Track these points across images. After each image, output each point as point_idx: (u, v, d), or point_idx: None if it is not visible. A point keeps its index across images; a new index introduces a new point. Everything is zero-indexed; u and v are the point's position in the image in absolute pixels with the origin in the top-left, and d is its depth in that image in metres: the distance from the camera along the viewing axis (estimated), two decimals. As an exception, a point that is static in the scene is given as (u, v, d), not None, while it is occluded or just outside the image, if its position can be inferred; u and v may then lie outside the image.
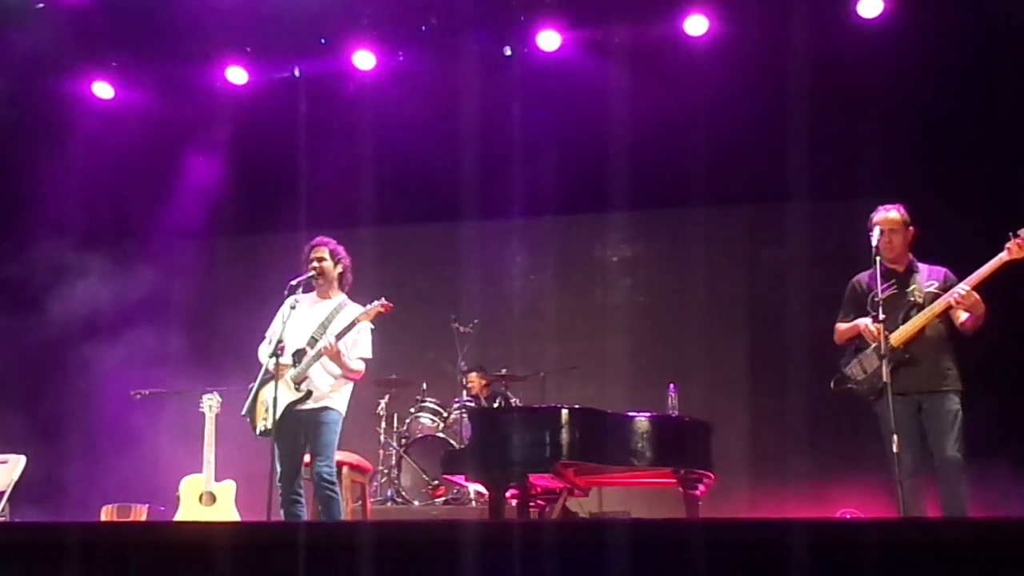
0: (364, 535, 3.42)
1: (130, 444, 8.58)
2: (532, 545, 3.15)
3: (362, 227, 8.67)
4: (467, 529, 3.41)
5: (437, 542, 3.26)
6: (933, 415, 5.69)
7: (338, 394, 6.08)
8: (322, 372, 6.02)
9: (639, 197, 8.95)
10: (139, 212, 9.41)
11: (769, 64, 8.30)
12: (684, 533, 3.18)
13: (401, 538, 3.34)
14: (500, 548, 3.11)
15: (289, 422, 5.90)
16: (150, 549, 3.41)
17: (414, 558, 3.24)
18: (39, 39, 8.50)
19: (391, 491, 8.29)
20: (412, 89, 9.17)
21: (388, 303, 6.02)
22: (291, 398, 5.93)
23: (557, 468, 6.07)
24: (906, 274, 5.95)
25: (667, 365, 8.74)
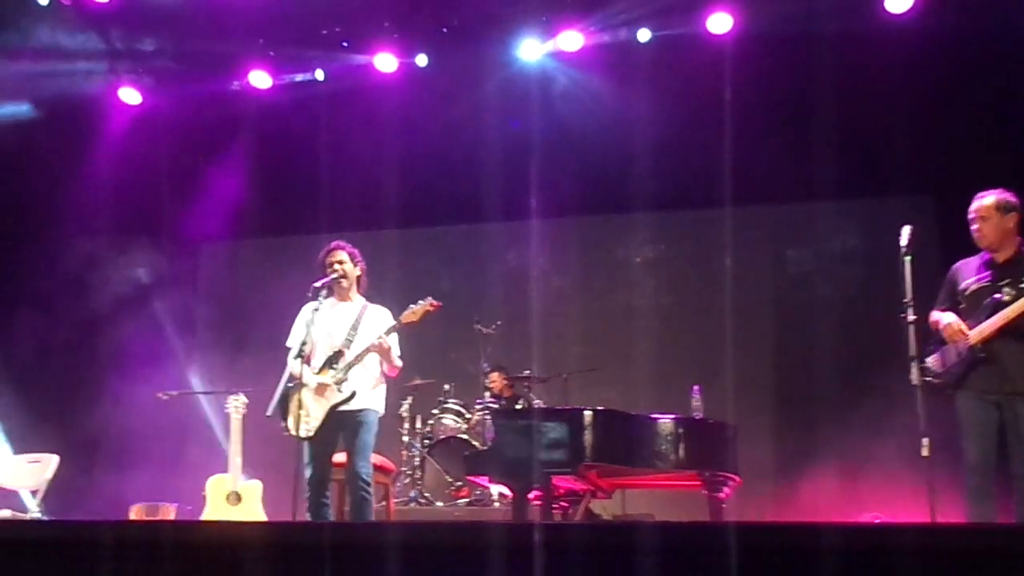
0: (389, 535, 3.43)
1: (158, 444, 8.65)
2: (555, 547, 3.15)
3: (385, 229, 8.71)
4: (490, 531, 3.41)
5: (461, 543, 3.26)
6: (1011, 419, 5.32)
7: (377, 394, 6.11)
8: (363, 373, 6.03)
9: (662, 198, 8.93)
10: (165, 215, 9.47)
11: (793, 62, 8.26)
12: (709, 536, 3.17)
13: (425, 539, 3.35)
14: (523, 550, 3.11)
15: (329, 423, 5.92)
16: (178, 548, 3.44)
17: (438, 559, 3.24)
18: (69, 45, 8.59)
19: (414, 492, 8.30)
20: (434, 91, 9.19)
21: (437, 302, 6.03)
22: (335, 400, 5.93)
23: (580, 470, 6.07)
24: (1007, 266, 5.49)
25: (691, 367, 8.70)
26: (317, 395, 5.93)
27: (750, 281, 9.25)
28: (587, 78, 9.00)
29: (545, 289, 9.69)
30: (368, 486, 5.91)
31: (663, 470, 6.16)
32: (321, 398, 5.93)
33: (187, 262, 9.49)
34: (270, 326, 6.52)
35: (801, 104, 8.44)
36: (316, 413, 5.90)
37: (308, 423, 5.85)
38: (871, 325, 8.51)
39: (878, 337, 8.39)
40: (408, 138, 9.02)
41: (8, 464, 7.92)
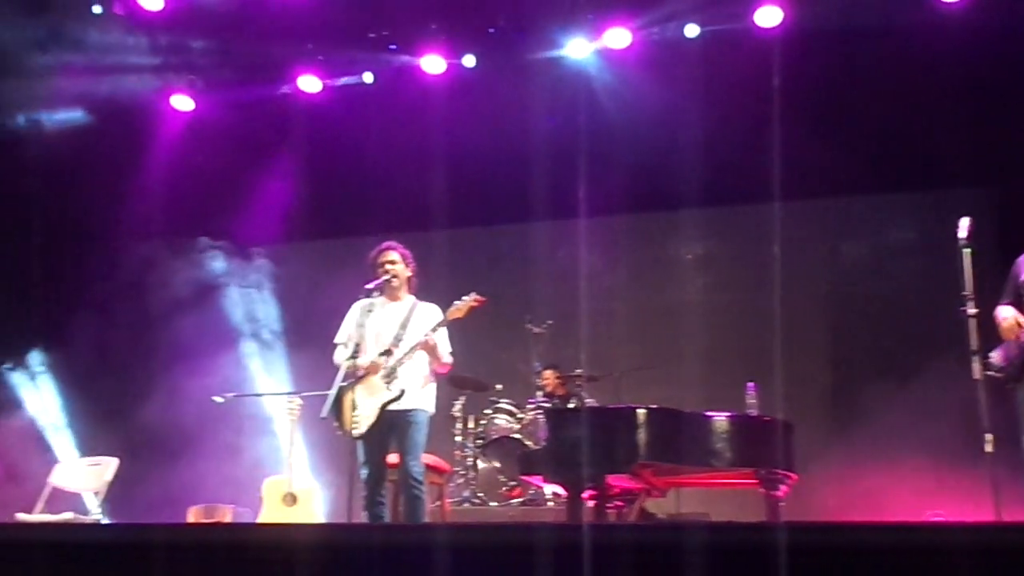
0: (445, 537, 3.43)
1: (215, 446, 8.74)
2: (609, 547, 3.13)
3: (434, 230, 8.72)
4: (546, 531, 3.40)
5: (516, 544, 3.25)
6: None
7: (427, 393, 6.12)
8: (412, 372, 6.04)
9: (712, 194, 8.84)
10: (219, 219, 9.59)
11: (846, 54, 8.16)
12: (765, 536, 3.13)
13: (481, 540, 3.35)
14: (578, 550, 3.09)
15: (380, 423, 5.94)
16: (234, 550, 3.47)
17: (494, 560, 3.24)
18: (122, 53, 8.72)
19: (467, 492, 8.31)
20: (481, 91, 9.20)
21: (481, 298, 6.03)
22: (385, 398, 5.95)
23: (634, 469, 6.04)
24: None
25: (744, 364, 8.59)
26: (368, 393, 5.95)
27: (804, 276, 9.14)
28: (635, 75, 8.95)
29: (595, 287, 9.63)
30: (420, 485, 5.93)
31: (718, 468, 6.11)
32: (371, 396, 5.95)
33: (242, 265, 9.58)
34: (324, 328, 6.56)
35: (854, 96, 8.35)
36: (367, 412, 5.92)
37: (359, 421, 5.87)
38: (929, 319, 8.37)
39: (936, 332, 8.27)
40: (456, 138, 9.03)
41: (70, 467, 8.06)
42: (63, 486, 7.86)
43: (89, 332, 9.27)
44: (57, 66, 8.80)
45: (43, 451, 8.37)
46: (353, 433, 5.89)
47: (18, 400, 9.11)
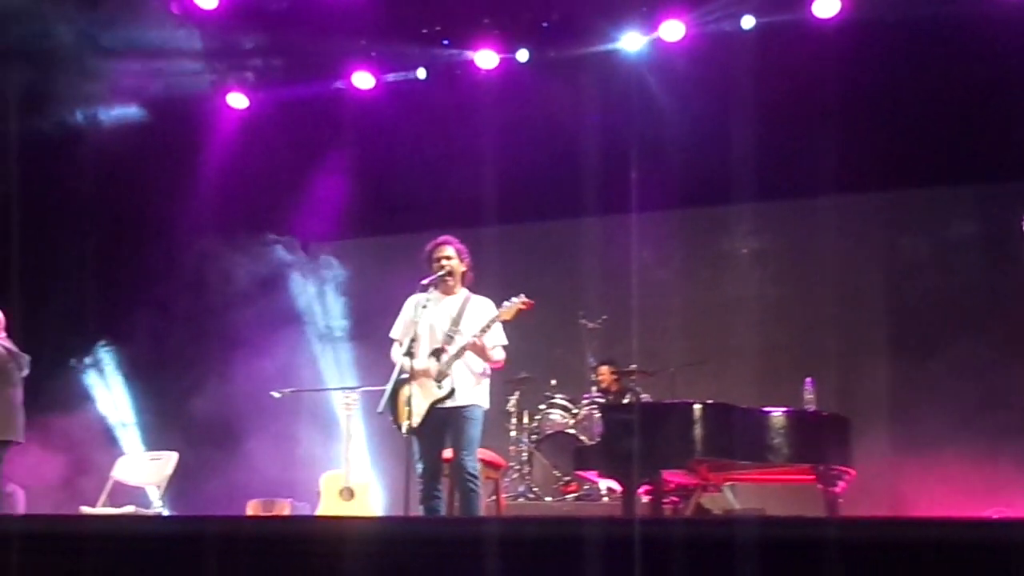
0: (500, 530, 3.44)
1: (273, 441, 8.84)
2: (665, 542, 3.12)
3: (489, 225, 8.73)
4: (602, 526, 3.39)
5: (572, 538, 3.25)
6: None
7: (481, 389, 6.11)
8: (464, 368, 6.05)
9: (767, 187, 8.77)
10: (274, 216, 9.69)
11: (905, 45, 8.04)
12: (823, 532, 3.09)
13: (537, 534, 3.35)
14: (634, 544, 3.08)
15: (433, 419, 5.96)
16: (292, 543, 3.50)
17: (549, 554, 3.24)
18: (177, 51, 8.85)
19: (523, 487, 8.33)
20: (534, 85, 9.19)
21: (530, 300, 6.01)
22: (435, 396, 5.98)
23: (690, 464, 6.01)
24: None
25: (800, 359, 8.52)
26: (421, 390, 5.97)
27: (861, 270, 9.03)
28: (688, 68, 8.89)
29: (649, 282, 9.60)
30: (475, 480, 5.94)
31: (775, 464, 6.07)
32: (423, 393, 5.97)
33: (298, 261, 9.68)
34: (379, 323, 6.60)
35: (913, 87, 8.22)
36: (419, 408, 5.94)
37: (412, 417, 5.89)
38: (990, 314, 8.25)
39: (999, 326, 8.15)
40: (509, 133, 9.04)
41: (132, 461, 8.21)
42: (125, 480, 8.00)
43: (148, 327, 9.43)
44: (113, 63, 8.94)
45: (108, 445, 8.51)
46: (404, 429, 5.91)
47: (84, 395, 9.28)
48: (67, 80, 8.85)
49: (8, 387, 6.95)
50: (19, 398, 7.03)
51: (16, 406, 6.98)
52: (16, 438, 6.98)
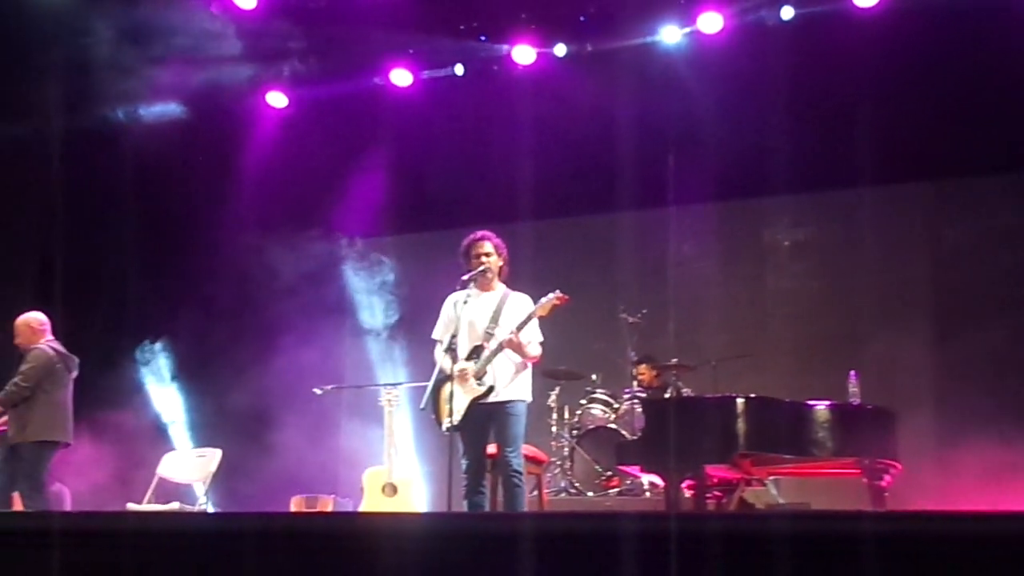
0: (544, 526, 3.43)
1: (316, 437, 8.90)
2: (708, 537, 3.10)
3: (527, 221, 8.73)
4: (645, 521, 3.37)
5: (616, 534, 3.23)
6: None
7: (522, 383, 6.10)
8: (504, 363, 6.04)
9: (808, 178, 8.70)
10: (313, 213, 9.74)
11: (947, 33, 7.93)
12: (868, 527, 3.06)
13: (580, 529, 3.34)
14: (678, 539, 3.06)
15: (475, 415, 5.96)
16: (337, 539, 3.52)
17: (594, 550, 3.23)
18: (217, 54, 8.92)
19: (564, 482, 8.32)
20: (572, 79, 9.17)
21: (564, 295, 5.99)
22: (474, 394, 5.98)
23: (734, 459, 5.98)
24: None
25: (844, 352, 8.45)
26: (461, 387, 5.98)
27: (905, 262, 8.92)
28: (728, 60, 8.83)
29: (690, 276, 9.56)
30: (520, 476, 5.94)
31: (820, 458, 6.03)
32: (464, 390, 5.97)
33: (339, 258, 9.73)
34: (419, 319, 6.62)
35: (955, 76, 8.11)
36: (459, 405, 5.95)
37: (452, 415, 5.90)
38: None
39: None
40: (547, 128, 9.02)
41: (176, 458, 8.29)
42: (170, 477, 8.09)
43: (192, 325, 9.52)
44: (154, 63, 9.04)
45: (154, 443, 8.60)
46: (445, 427, 5.92)
47: (129, 393, 9.38)
48: (109, 81, 8.96)
49: (57, 389, 7.04)
50: (68, 400, 7.12)
51: (65, 408, 7.08)
52: (64, 439, 7.07)
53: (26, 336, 7.13)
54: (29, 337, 7.12)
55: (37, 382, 6.94)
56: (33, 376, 6.94)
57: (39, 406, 6.93)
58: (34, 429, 6.90)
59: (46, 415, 6.95)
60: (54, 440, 7.00)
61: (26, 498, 6.85)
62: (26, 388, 6.91)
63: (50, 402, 6.97)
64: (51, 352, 7.06)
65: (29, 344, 7.09)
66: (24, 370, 6.97)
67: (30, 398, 6.92)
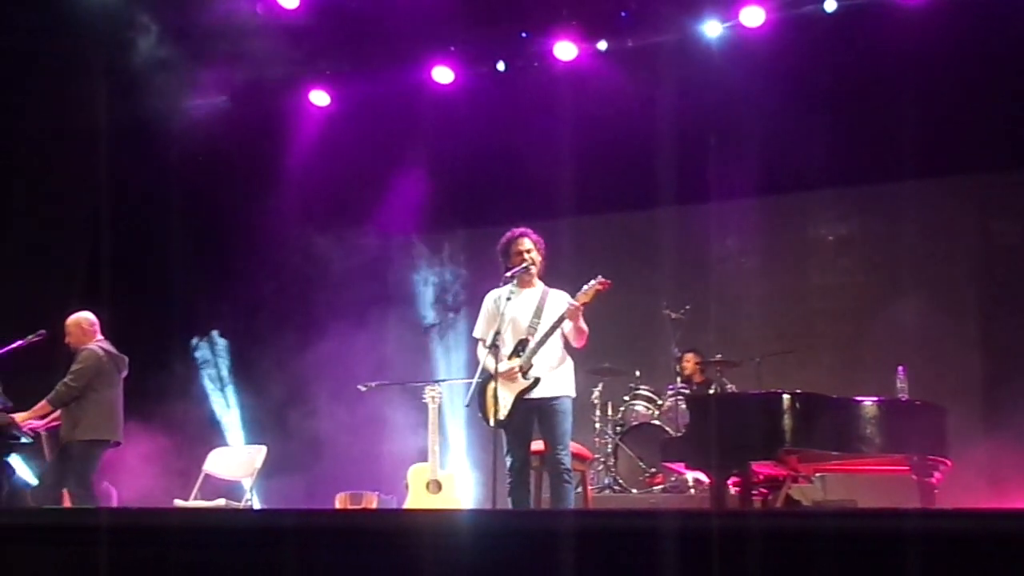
0: (589, 523, 3.42)
1: (361, 434, 8.94)
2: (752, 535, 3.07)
3: (569, 217, 8.72)
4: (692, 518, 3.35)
5: (662, 531, 3.22)
6: None
7: (566, 379, 6.08)
8: (548, 358, 6.03)
9: (854, 172, 8.61)
10: (356, 211, 9.79)
11: (989, 23, 7.82)
12: (917, 524, 3.01)
13: (626, 527, 3.32)
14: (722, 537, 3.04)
15: (521, 411, 5.96)
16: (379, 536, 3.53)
17: (638, 547, 3.21)
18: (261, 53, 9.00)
19: (608, 479, 8.30)
20: (614, 76, 9.15)
21: (606, 280, 5.97)
22: (520, 387, 5.97)
23: (780, 455, 5.93)
24: None
25: (890, 347, 8.33)
26: (506, 382, 5.98)
27: (952, 256, 8.80)
28: (770, 53, 8.75)
29: (733, 271, 9.50)
30: (569, 474, 5.93)
31: (868, 455, 5.95)
32: (509, 385, 5.97)
33: (383, 255, 9.77)
34: (464, 315, 6.63)
35: (1000, 68, 7.99)
36: (506, 401, 5.95)
37: (499, 411, 5.91)
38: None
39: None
40: (589, 124, 8.99)
41: (222, 455, 8.36)
42: (216, 473, 8.16)
43: (237, 321, 9.62)
44: (199, 60, 9.14)
45: (201, 439, 8.69)
46: (491, 423, 5.92)
47: (177, 390, 9.48)
48: (156, 79, 9.07)
49: (108, 388, 7.13)
50: (119, 399, 7.20)
51: (115, 407, 7.16)
52: (114, 438, 7.16)
53: (76, 336, 7.23)
54: (80, 337, 7.22)
55: (87, 382, 7.03)
56: (83, 376, 7.03)
57: (90, 405, 7.02)
58: (85, 428, 6.99)
59: (97, 414, 7.03)
60: (104, 439, 7.09)
61: (75, 496, 6.94)
62: (76, 388, 7.01)
63: (100, 401, 7.06)
64: (101, 352, 7.15)
65: (79, 344, 7.19)
66: (74, 370, 7.07)
67: (81, 397, 7.01)
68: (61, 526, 3.89)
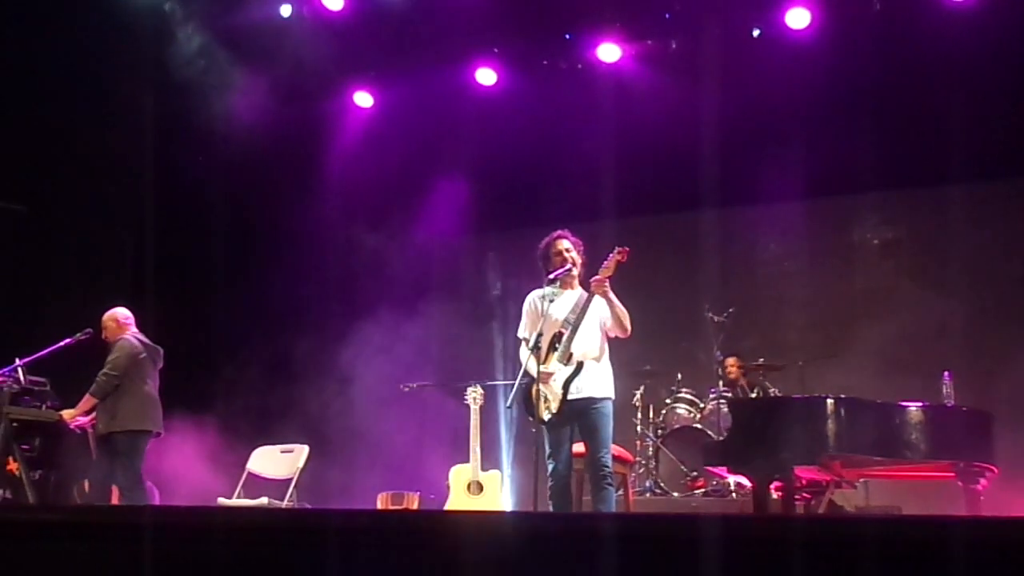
0: (631, 526, 3.41)
1: (403, 434, 8.98)
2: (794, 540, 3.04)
3: (611, 219, 8.69)
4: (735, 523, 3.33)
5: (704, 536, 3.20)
6: None
7: (606, 380, 6.02)
8: (585, 343, 5.98)
9: (899, 175, 8.52)
10: (398, 212, 9.84)
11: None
12: (961, 532, 2.97)
13: (667, 531, 3.31)
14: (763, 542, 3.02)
15: (565, 413, 5.94)
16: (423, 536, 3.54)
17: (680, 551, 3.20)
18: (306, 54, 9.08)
19: (649, 482, 8.28)
20: (657, 77, 9.12)
21: (624, 248, 5.93)
22: (565, 375, 5.92)
23: (823, 460, 5.88)
24: None
25: (936, 352, 8.23)
26: (549, 387, 5.96)
27: (1001, 260, 8.67)
28: (816, 55, 8.67)
29: (777, 275, 9.43)
30: (611, 477, 5.91)
31: (912, 461, 5.89)
32: (554, 386, 5.95)
33: (426, 256, 9.81)
34: (507, 316, 6.63)
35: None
36: (553, 400, 5.93)
37: (549, 408, 5.89)
38: None
39: None
40: (632, 126, 8.97)
41: (265, 454, 8.42)
42: (259, 472, 8.22)
43: (279, 321, 9.69)
44: (244, 62, 9.23)
45: (246, 438, 8.75)
46: (543, 418, 5.89)
47: (222, 387, 9.55)
48: (200, 82, 9.17)
49: (144, 379, 7.20)
50: (155, 390, 7.27)
51: (152, 398, 7.22)
52: (156, 428, 7.21)
53: (112, 330, 7.32)
54: (115, 331, 7.31)
55: (124, 371, 7.10)
56: (120, 365, 7.10)
57: (127, 396, 7.08)
58: (124, 418, 7.04)
59: (135, 404, 7.09)
60: (146, 429, 7.14)
61: (125, 490, 7.00)
62: (115, 377, 7.08)
63: (138, 392, 7.11)
64: (135, 342, 7.22)
65: (114, 337, 7.28)
66: (111, 360, 7.14)
67: (118, 388, 7.09)
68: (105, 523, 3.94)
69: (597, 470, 5.89)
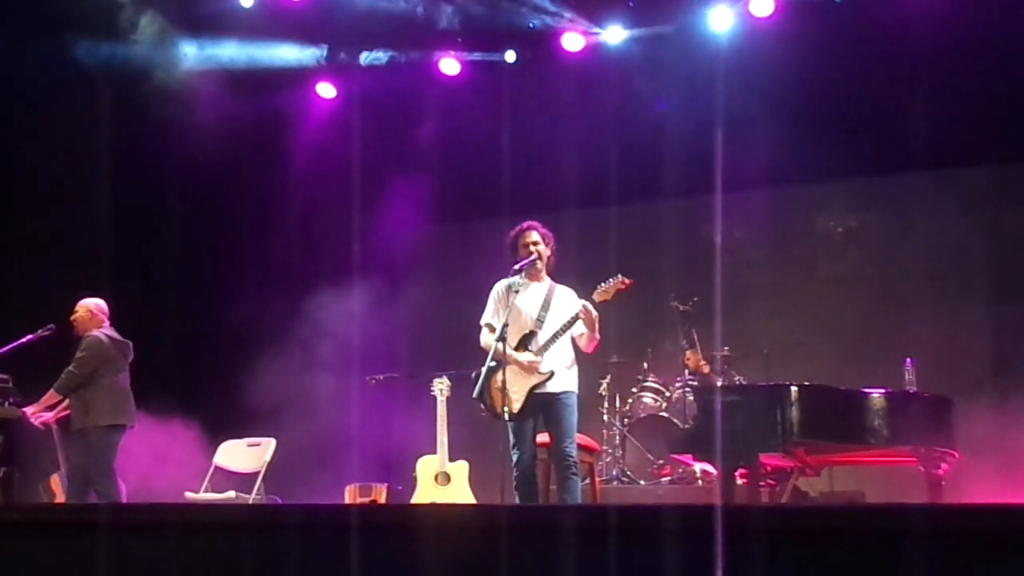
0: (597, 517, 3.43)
1: (369, 426, 8.96)
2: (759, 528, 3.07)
3: (576, 208, 8.70)
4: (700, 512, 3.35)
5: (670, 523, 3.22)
6: None
7: (573, 375, 6.10)
8: (558, 354, 6.04)
9: (862, 163, 8.57)
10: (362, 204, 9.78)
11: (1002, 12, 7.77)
12: (925, 518, 3.01)
13: (633, 520, 3.33)
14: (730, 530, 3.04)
15: (529, 405, 5.97)
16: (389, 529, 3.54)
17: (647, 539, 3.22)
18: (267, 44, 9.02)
19: (616, 471, 8.31)
20: (621, 65, 9.12)
21: (628, 280, 5.96)
22: (534, 380, 5.97)
23: (788, 447, 5.94)
24: None
25: (899, 339, 8.32)
26: (520, 373, 5.97)
27: (963, 247, 8.76)
28: (778, 42, 8.70)
29: (741, 263, 9.47)
30: (576, 467, 5.95)
31: (875, 446, 5.97)
32: (522, 378, 5.97)
33: (389, 247, 9.78)
34: (470, 308, 6.63)
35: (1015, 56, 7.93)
36: (519, 394, 5.95)
37: (512, 404, 5.90)
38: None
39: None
40: (594, 116, 8.98)
41: (231, 448, 8.38)
42: (226, 466, 8.19)
43: (245, 312, 9.62)
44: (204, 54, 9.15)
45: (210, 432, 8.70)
46: (506, 415, 5.91)
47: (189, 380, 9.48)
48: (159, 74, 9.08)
49: (115, 374, 7.17)
50: (126, 384, 7.25)
51: (125, 391, 7.21)
52: (128, 422, 7.21)
53: (83, 320, 7.25)
54: (85, 321, 7.24)
55: (93, 369, 7.07)
56: (87, 364, 7.07)
57: (100, 391, 7.06)
58: (99, 414, 7.03)
59: (108, 399, 7.07)
60: (120, 424, 7.13)
61: (96, 484, 6.98)
62: (80, 375, 7.05)
63: (110, 387, 7.10)
64: (104, 339, 7.17)
65: (84, 330, 7.22)
66: (78, 358, 7.11)
67: (90, 384, 7.05)
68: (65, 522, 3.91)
69: (561, 460, 5.93)
